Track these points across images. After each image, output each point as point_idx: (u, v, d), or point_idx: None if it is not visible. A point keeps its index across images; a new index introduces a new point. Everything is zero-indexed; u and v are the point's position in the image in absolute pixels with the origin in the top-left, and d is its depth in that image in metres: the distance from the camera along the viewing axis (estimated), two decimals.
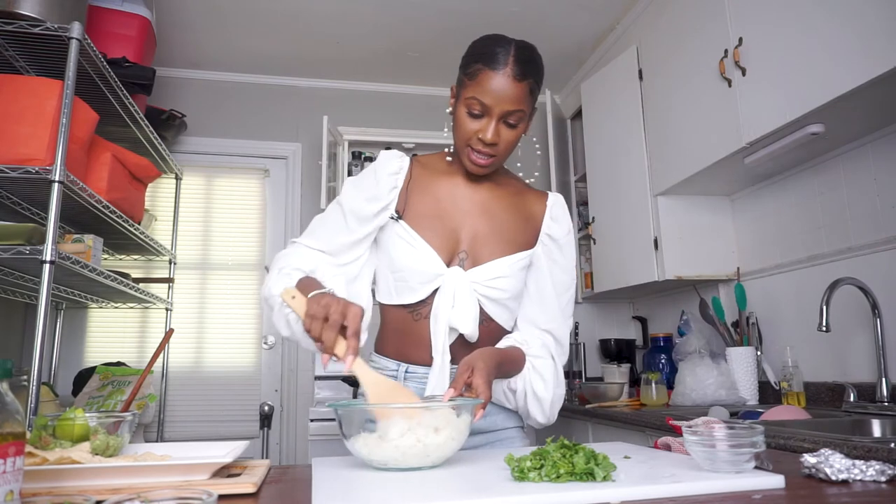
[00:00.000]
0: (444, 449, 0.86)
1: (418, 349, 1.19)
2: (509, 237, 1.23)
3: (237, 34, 3.15)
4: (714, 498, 0.70)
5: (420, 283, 1.18)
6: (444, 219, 1.22)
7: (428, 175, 1.27)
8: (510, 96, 1.12)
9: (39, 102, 1.82)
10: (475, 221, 1.23)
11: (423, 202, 1.23)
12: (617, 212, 2.85)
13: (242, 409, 3.29)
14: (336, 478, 0.83)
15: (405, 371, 1.21)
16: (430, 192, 1.24)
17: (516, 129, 1.17)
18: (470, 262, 1.20)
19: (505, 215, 1.25)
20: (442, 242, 1.20)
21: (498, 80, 1.12)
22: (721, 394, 2.17)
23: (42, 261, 1.71)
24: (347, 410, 0.90)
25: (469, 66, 1.16)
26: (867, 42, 1.52)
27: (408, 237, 1.19)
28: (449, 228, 1.22)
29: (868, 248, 1.91)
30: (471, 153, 1.18)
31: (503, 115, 1.14)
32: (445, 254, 1.19)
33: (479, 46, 1.18)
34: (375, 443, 0.85)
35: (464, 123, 1.16)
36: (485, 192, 1.26)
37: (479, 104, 1.13)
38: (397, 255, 1.19)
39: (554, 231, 1.28)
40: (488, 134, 1.14)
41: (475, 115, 1.15)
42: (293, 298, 0.98)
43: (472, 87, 1.14)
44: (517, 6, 2.87)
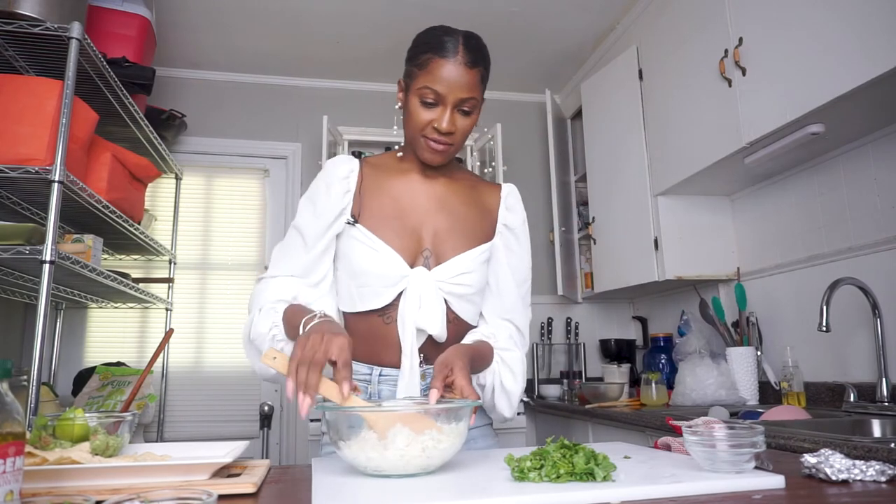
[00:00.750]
0: (446, 454, 0.84)
1: (390, 352, 1.17)
2: (470, 231, 1.23)
3: (237, 34, 3.15)
4: (714, 498, 0.70)
5: (384, 286, 1.15)
6: (404, 218, 1.20)
7: (380, 175, 1.24)
8: (463, 84, 1.12)
9: (39, 102, 1.82)
10: (435, 218, 1.21)
11: (379, 203, 1.20)
12: (617, 212, 2.85)
13: (242, 409, 3.29)
14: (336, 478, 0.83)
15: (378, 374, 1.19)
16: (385, 192, 1.22)
17: (470, 117, 1.16)
18: (434, 259, 1.19)
19: (463, 209, 1.24)
20: (403, 242, 1.18)
21: (450, 68, 1.11)
22: (721, 394, 2.17)
23: (42, 261, 1.71)
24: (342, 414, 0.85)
25: (418, 57, 1.15)
26: (867, 42, 1.52)
27: (367, 241, 1.17)
28: (409, 227, 1.20)
29: (868, 248, 1.91)
30: (427, 143, 1.16)
31: (457, 103, 1.13)
32: (408, 254, 1.17)
33: (425, 37, 1.17)
34: (376, 451, 0.81)
35: (417, 113, 1.14)
36: (441, 186, 1.25)
37: (432, 93, 1.12)
38: (358, 260, 1.17)
39: (510, 220, 1.28)
40: (444, 122, 1.13)
41: (429, 103, 1.13)
42: (274, 360, 0.95)
43: (423, 76, 1.13)
44: (517, 6, 2.87)
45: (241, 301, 3.42)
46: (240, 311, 3.41)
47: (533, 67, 3.50)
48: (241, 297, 3.43)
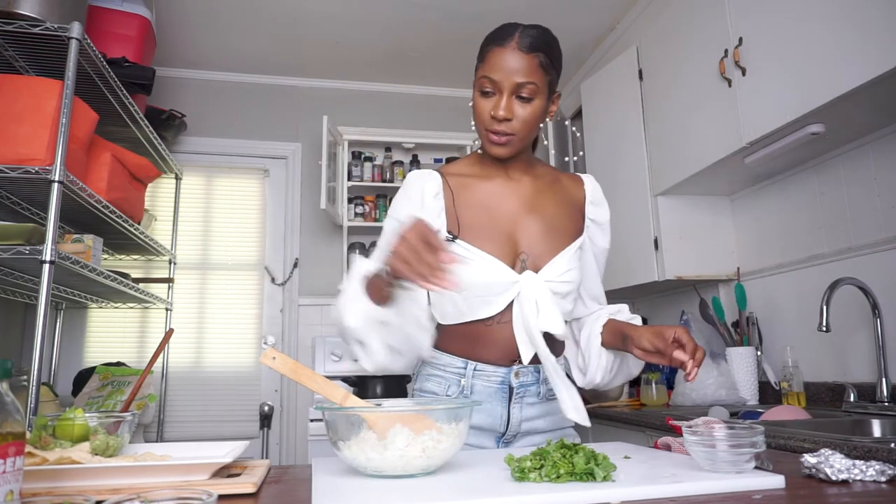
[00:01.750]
0: (446, 455, 0.84)
1: (490, 350, 1.18)
2: (562, 230, 1.23)
3: (237, 34, 3.15)
4: (714, 498, 0.70)
5: (494, 295, 1.15)
6: (497, 225, 1.19)
7: (467, 184, 1.23)
8: (518, 68, 1.11)
9: (39, 102, 1.82)
10: (527, 220, 1.21)
11: (473, 215, 1.19)
12: (617, 212, 2.82)
13: (242, 409, 3.29)
14: (336, 478, 0.83)
15: (473, 369, 1.18)
16: (475, 202, 1.21)
17: (531, 104, 1.14)
18: (531, 262, 1.18)
19: (553, 208, 1.24)
20: (502, 249, 1.17)
21: (506, 55, 1.12)
22: (721, 394, 2.17)
23: (42, 261, 1.71)
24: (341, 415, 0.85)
25: (481, 52, 1.17)
26: (867, 42, 1.52)
27: (469, 254, 1.15)
28: (504, 234, 1.19)
29: (868, 248, 1.91)
30: (489, 135, 1.16)
31: (514, 88, 1.12)
32: (508, 260, 1.17)
33: (490, 33, 1.19)
34: (376, 451, 0.81)
35: (478, 106, 1.15)
36: (527, 186, 1.25)
37: (488, 81, 1.13)
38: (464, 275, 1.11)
39: (598, 216, 1.30)
40: (500, 109, 1.12)
41: (487, 93, 1.14)
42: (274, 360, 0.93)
43: (482, 67, 1.15)
44: (517, 6, 2.87)
45: (241, 301, 3.42)
46: (240, 311, 3.41)
47: None
48: (241, 297, 3.43)
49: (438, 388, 1.20)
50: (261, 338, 3.41)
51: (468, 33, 3.07)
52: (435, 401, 1.15)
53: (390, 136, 3.45)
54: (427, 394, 1.21)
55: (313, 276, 3.44)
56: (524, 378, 1.19)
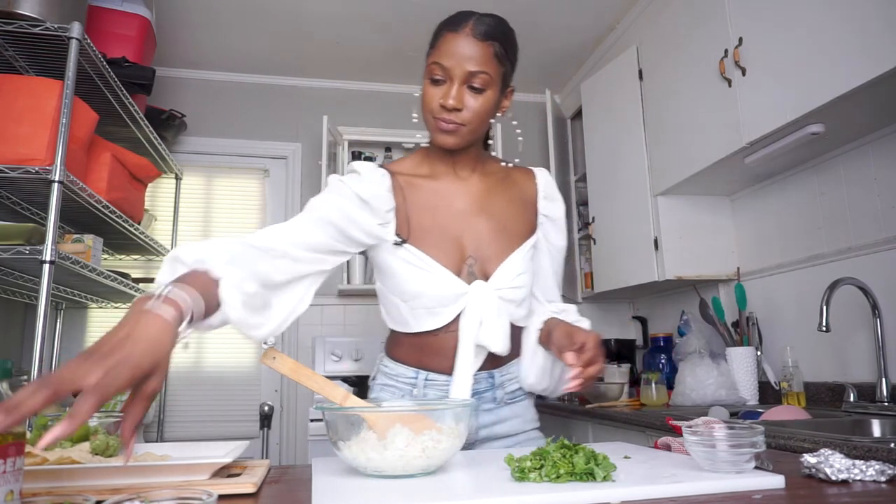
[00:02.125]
0: (445, 455, 0.83)
1: (440, 358, 1.14)
2: (512, 230, 1.18)
3: (237, 34, 3.15)
4: (714, 498, 0.70)
5: (442, 306, 1.10)
6: (445, 228, 1.14)
7: (414, 184, 1.16)
8: (471, 56, 1.05)
9: (39, 102, 1.82)
10: (475, 222, 1.15)
11: (421, 216, 1.13)
12: (617, 212, 2.85)
13: (242, 409, 3.29)
14: (336, 478, 0.83)
15: (424, 379, 1.16)
16: (423, 203, 1.15)
17: (483, 95, 1.08)
18: (478, 266, 1.14)
19: (503, 207, 1.19)
20: (448, 255, 1.12)
21: (458, 41, 1.06)
22: (721, 394, 2.17)
23: (42, 261, 1.71)
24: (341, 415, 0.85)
25: (433, 39, 1.11)
26: (867, 42, 1.52)
27: (418, 262, 1.10)
28: (451, 237, 1.13)
29: (868, 248, 1.91)
30: (437, 123, 1.09)
31: (465, 77, 1.06)
32: (454, 265, 1.12)
33: (443, 20, 1.12)
34: (376, 451, 0.80)
35: (426, 93, 1.09)
36: (476, 185, 1.19)
37: (439, 67, 1.07)
38: (410, 282, 1.10)
39: (552, 211, 1.25)
40: (450, 98, 1.05)
41: (437, 80, 1.08)
42: (274, 360, 0.91)
43: (433, 54, 1.09)
44: (517, 6, 2.87)
45: None
46: None
47: (533, 67, 3.50)
48: None
49: (392, 398, 1.17)
50: None
51: None
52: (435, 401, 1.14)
53: (390, 136, 3.45)
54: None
55: None
56: (477, 385, 1.14)
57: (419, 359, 1.16)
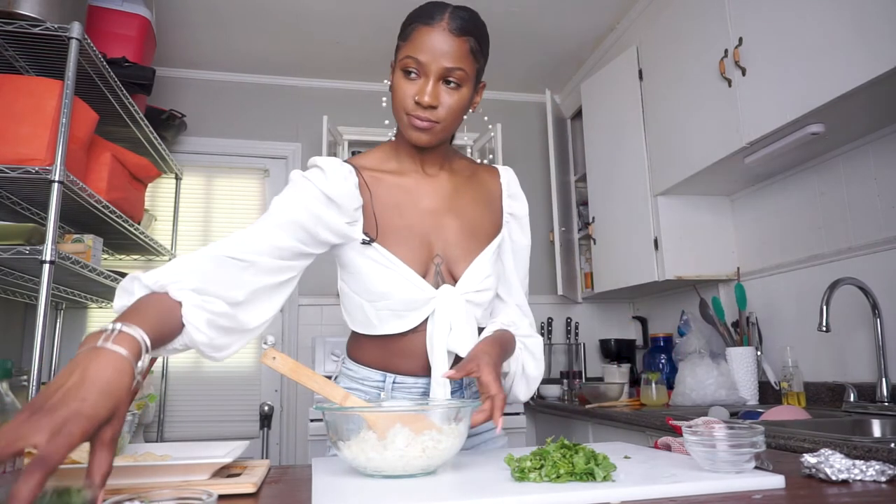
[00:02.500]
0: (445, 455, 0.83)
1: (407, 360, 1.12)
2: (479, 230, 1.15)
3: (237, 34, 3.15)
4: (714, 498, 0.70)
5: (408, 310, 1.08)
6: (412, 227, 1.10)
7: (381, 180, 1.12)
8: (447, 52, 1.02)
9: (39, 102, 1.82)
10: (443, 221, 1.13)
11: (389, 215, 1.10)
12: (617, 212, 2.85)
13: (242, 409, 3.29)
14: (336, 478, 0.83)
15: (392, 382, 1.13)
16: (391, 201, 1.11)
17: (459, 92, 1.05)
18: (445, 266, 1.11)
19: (470, 207, 1.16)
20: (415, 254, 1.09)
21: (434, 35, 1.02)
22: (721, 394, 2.17)
23: (42, 261, 1.71)
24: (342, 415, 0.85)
25: (404, 30, 1.07)
26: (867, 41, 1.52)
27: (385, 262, 1.07)
28: (419, 236, 1.10)
29: (868, 248, 1.91)
30: (411, 119, 1.04)
31: (441, 73, 1.02)
32: (421, 266, 1.09)
33: (414, 11, 1.08)
34: (376, 451, 0.79)
35: (399, 87, 1.04)
36: (444, 183, 1.16)
37: (414, 62, 1.02)
38: (376, 282, 1.07)
39: (515, 209, 1.23)
40: (425, 95, 1.01)
41: (411, 74, 1.03)
42: (274, 360, 0.89)
43: (406, 47, 1.04)
44: (517, 6, 2.87)
45: None
46: None
47: (533, 67, 3.50)
48: None
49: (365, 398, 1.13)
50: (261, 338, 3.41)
51: None
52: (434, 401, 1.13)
53: (390, 136, 3.44)
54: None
55: (313, 275, 3.41)
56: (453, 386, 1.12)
57: (386, 361, 1.14)
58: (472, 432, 1.17)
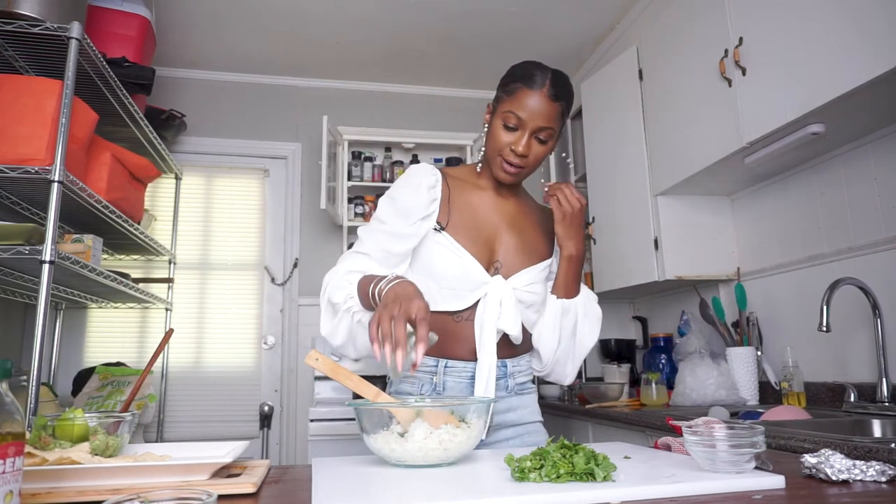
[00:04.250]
0: (462, 447, 0.90)
1: (458, 346, 1.25)
2: (534, 249, 1.34)
3: (237, 34, 3.15)
4: (714, 498, 0.70)
5: (467, 290, 1.24)
6: (481, 230, 1.30)
7: (462, 187, 1.34)
8: (544, 114, 1.23)
9: (39, 102, 1.82)
10: (507, 233, 1.32)
11: (462, 214, 1.30)
12: (617, 212, 2.85)
13: (242, 409, 3.29)
14: (336, 478, 0.83)
15: (444, 366, 1.26)
16: (466, 205, 1.31)
17: (545, 146, 1.27)
18: (504, 270, 1.29)
19: (530, 229, 1.37)
20: (480, 252, 1.27)
21: (534, 98, 1.23)
22: (721, 394, 2.17)
23: (41, 261, 1.71)
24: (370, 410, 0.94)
25: (508, 85, 1.27)
26: (868, 41, 1.52)
27: (452, 247, 1.25)
28: (485, 239, 1.29)
29: (868, 248, 1.91)
30: (502, 163, 1.27)
31: (535, 130, 1.24)
32: (483, 262, 1.27)
33: (519, 69, 1.29)
34: (398, 442, 0.89)
35: (499, 135, 1.26)
36: (513, 206, 1.37)
37: (514, 117, 1.23)
38: (443, 264, 1.25)
39: None
40: (520, 146, 1.24)
41: (510, 127, 1.25)
42: (317, 361, 1.04)
43: (509, 102, 1.25)
44: (517, 6, 2.87)
45: (240, 301, 3.42)
46: (240, 311, 3.41)
47: None
48: (240, 297, 3.43)
49: (412, 388, 1.28)
50: (261, 338, 3.41)
51: (468, 33, 3.07)
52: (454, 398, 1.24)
53: (390, 136, 3.45)
54: (402, 395, 1.28)
55: (313, 275, 3.44)
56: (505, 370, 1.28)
57: (439, 347, 1.24)
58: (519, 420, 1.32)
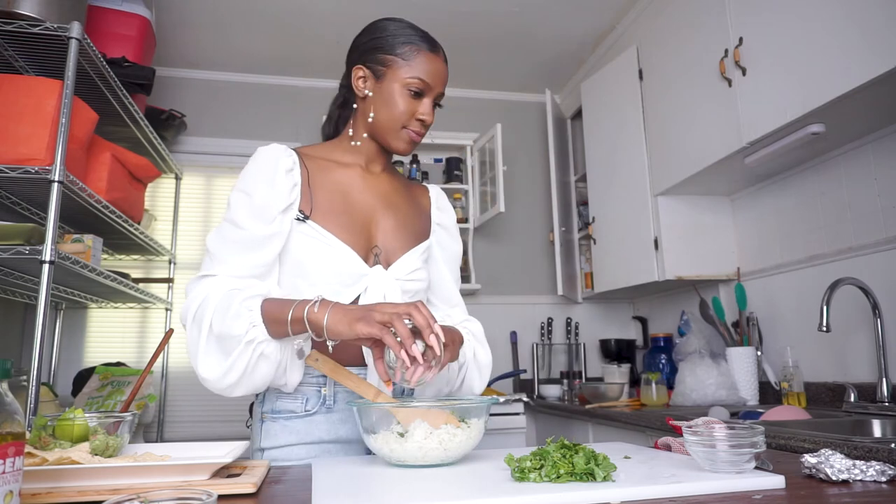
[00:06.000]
0: (462, 448, 0.90)
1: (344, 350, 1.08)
2: (412, 229, 1.23)
3: (237, 34, 3.15)
4: (714, 498, 0.70)
5: (343, 285, 1.10)
6: (354, 214, 1.16)
7: (324, 167, 1.18)
8: (443, 79, 1.18)
9: (39, 102, 1.82)
10: (383, 215, 1.19)
11: (328, 199, 1.15)
12: (617, 212, 2.85)
13: (242, 409, 3.28)
14: (336, 478, 0.83)
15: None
16: (332, 187, 1.16)
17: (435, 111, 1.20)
18: (384, 256, 1.16)
19: (405, 207, 1.24)
20: (356, 239, 1.13)
21: (436, 63, 1.16)
22: (721, 394, 2.17)
23: (41, 261, 1.71)
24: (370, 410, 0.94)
25: (400, 47, 1.15)
26: (868, 41, 1.52)
27: (321, 237, 1.10)
28: (360, 223, 1.16)
29: (868, 248, 1.91)
30: (409, 133, 1.17)
31: (437, 97, 1.18)
32: (361, 251, 1.13)
33: (402, 28, 1.18)
34: (398, 442, 0.88)
35: (404, 102, 1.15)
36: (385, 184, 1.24)
37: (422, 83, 1.14)
38: (311, 258, 1.09)
39: (444, 220, 1.31)
40: (429, 114, 1.16)
41: (416, 94, 1.15)
42: (317, 361, 1.01)
43: (409, 66, 1.14)
44: (517, 6, 2.87)
45: None
46: None
47: (533, 67, 3.50)
48: None
49: (295, 404, 1.12)
50: None
51: (468, 33, 3.07)
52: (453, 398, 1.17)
53: None
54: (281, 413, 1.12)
55: None
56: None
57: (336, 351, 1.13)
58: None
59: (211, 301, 1.01)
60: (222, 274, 1.06)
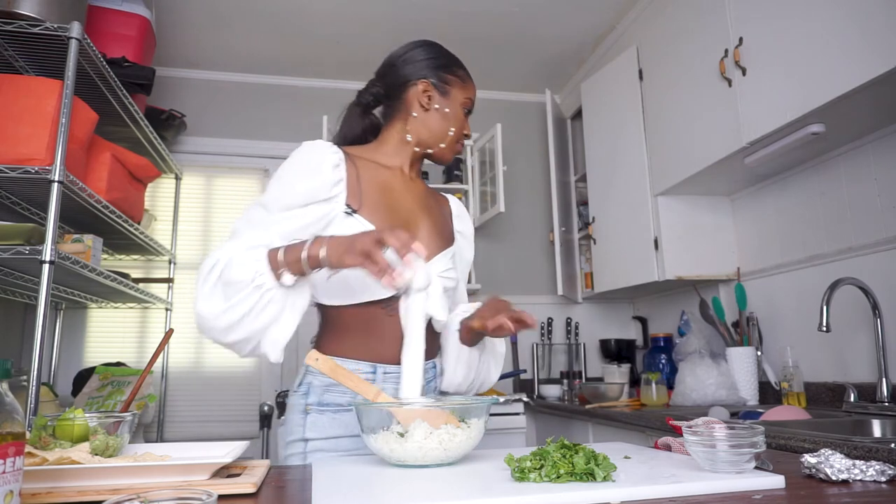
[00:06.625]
0: (462, 448, 0.90)
1: (390, 346, 1.15)
2: (443, 234, 1.31)
3: (237, 34, 3.15)
4: (714, 498, 0.70)
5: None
6: (398, 212, 1.23)
7: (369, 168, 1.24)
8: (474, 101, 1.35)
9: (39, 102, 1.82)
10: (420, 217, 1.27)
11: (375, 195, 1.21)
12: (617, 212, 2.85)
13: (242, 409, 3.28)
14: (336, 478, 0.83)
15: (383, 373, 1.16)
16: (379, 186, 1.23)
17: None
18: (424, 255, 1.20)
19: (436, 212, 1.34)
20: None
21: (471, 85, 1.33)
22: (721, 394, 2.17)
23: (41, 261, 1.71)
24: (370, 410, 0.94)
25: (456, 71, 1.31)
26: (868, 41, 1.52)
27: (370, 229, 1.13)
28: (402, 222, 1.22)
29: (868, 248, 1.91)
30: (457, 147, 1.32)
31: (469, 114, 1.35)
32: None
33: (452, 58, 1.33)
34: (398, 442, 0.88)
35: (459, 119, 1.30)
36: (420, 189, 1.33)
37: (471, 104, 1.32)
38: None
39: (464, 229, 1.40)
40: (470, 131, 1.33)
41: (467, 113, 1.32)
42: (317, 361, 1.03)
43: (464, 90, 1.31)
44: (517, 6, 2.87)
45: None
46: None
47: (533, 67, 3.50)
48: None
49: (344, 398, 1.15)
50: None
51: (468, 33, 3.07)
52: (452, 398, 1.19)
53: None
54: (329, 406, 1.16)
55: None
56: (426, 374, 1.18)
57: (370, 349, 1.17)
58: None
59: (222, 259, 1.05)
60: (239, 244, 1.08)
